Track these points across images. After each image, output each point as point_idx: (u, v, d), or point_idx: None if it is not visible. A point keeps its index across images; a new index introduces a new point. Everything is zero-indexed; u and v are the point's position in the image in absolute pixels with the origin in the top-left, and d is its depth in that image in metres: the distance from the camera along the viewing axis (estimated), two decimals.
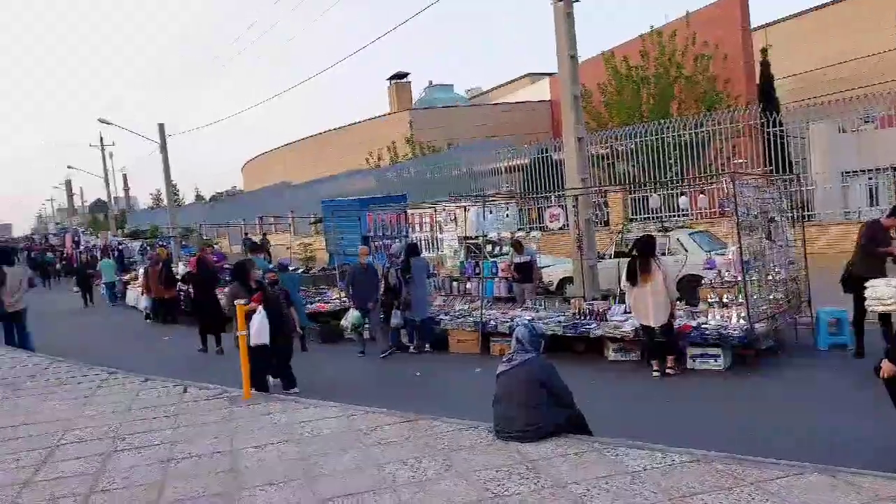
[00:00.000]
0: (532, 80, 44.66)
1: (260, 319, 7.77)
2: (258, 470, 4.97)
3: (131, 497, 4.64)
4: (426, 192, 23.92)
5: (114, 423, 6.48)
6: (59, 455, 5.68)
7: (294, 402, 6.83)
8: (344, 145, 39.90)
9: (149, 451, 5.59)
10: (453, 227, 13.13)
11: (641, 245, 8.77)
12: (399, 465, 4.84)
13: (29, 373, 9.30)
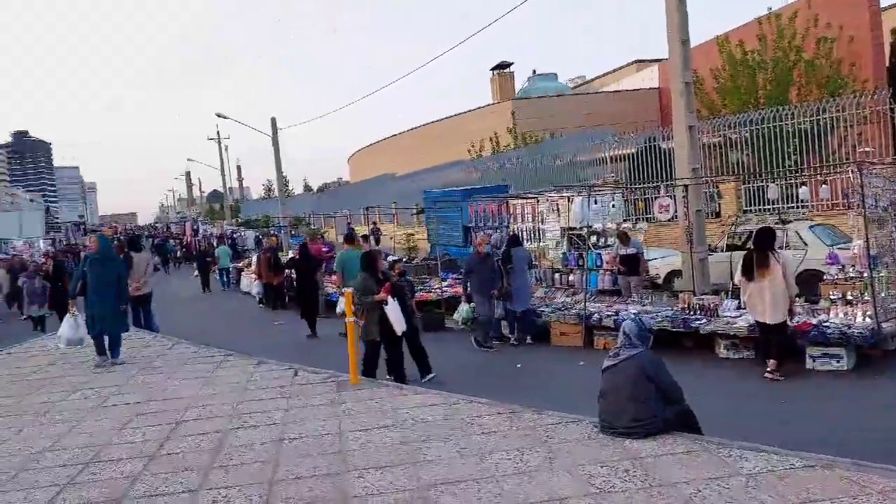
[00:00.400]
0: (639, 67, 43.35)
1: (396, 310, 8.04)
2: (364, 453, 5.11)
3: (248, 473, 4.88)
4: (528, 182, 23.76)
5: (231, 403, 6.84)
6: (182, 431, 6.05)
7: (398, 389, 6.97)
8: (446, 136, 40.17)
9: (263, 431, 5.86)
10: (556, 218, 12.97)
11: (759, 238, 8.34)
12: (501, 456, 4.85)
13: (155, 353, 9.95)
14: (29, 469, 5.30)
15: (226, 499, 4.44)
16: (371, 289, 8.18)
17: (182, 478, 4.88)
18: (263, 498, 4.40)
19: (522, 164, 25.30)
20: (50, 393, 7.82)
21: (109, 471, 5.13)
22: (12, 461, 5.50)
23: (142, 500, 4.53)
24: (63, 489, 4.82)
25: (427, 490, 4.33)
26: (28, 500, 4.66)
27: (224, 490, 4.58)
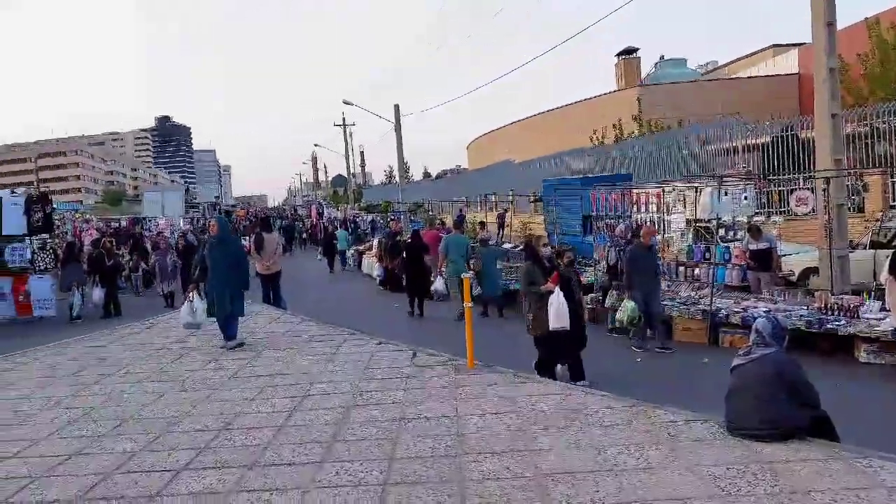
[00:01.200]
0: (776, 52, 40.80)
1: (559, 302, 7.41)
2: (481, 437, 5.15)
3: (369, 448, 5.04)
4: (653, 171, 22.97)
5: (353, 380, 7.08)
6: (308, 404, 6.33)
7: (515, 376, 6.95)
8: (567, 124, 39.55)
9: (383, 409, 6.03)
10: (681, 209, 12.45)
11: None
12: (621, 450, 4.74)
13: (283, 329, 10.45)
14: (171, 432, 5.72)
15: (348, 472, 4.61)
16: (537, 279, 7.65)
17: (308, 449, 5.11)
18: (384, 474, 4.53)
19: (647, 152, 24.49)
20: (188, 362, 8.41)
21: (242, 438, 5.45)
22: (155, 424, 5.95)
23: (271, 467, 4.78)
24: (201, 452, 5.17)
25: (544, 479, 4.31)
26: (170, 460, 5.03)
27: (347, 463, 4.76)
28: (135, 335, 10.67)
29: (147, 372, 8.01)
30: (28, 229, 15.10)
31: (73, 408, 6.61)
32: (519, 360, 8.03)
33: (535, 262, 7.85)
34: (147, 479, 4.68)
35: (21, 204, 15.08)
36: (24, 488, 4.62)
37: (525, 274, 7.83)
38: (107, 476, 4.76)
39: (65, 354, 9.38)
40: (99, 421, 6.11)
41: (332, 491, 4.30)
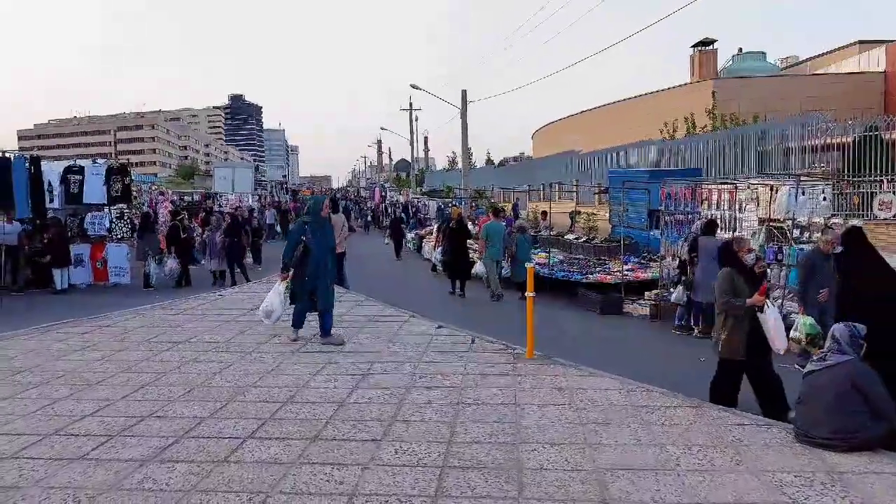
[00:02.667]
0: (861, 49, 38.98)
1: (775, 318, 6.12)
2: (539, 427, 5.14)
3: (427, 431, 5.10)
4: (726, 167, 22.35)
5: (413, 361, 7.16)
6: (368, 383, 6.43)
7: (575, 368, 6.90)
8: (637, 115, 38.74)
9: (442, 392, 6.08)
10: (754, 207, 12.08)
11: None
12: (683, 450, 4.67)
13: (345, 308, 10.62)
14: (237, 401, 5.91)
15: (406, 452, 4.67)
16: (741, 290, 6.12)
17: (367, 426, 5.20)
18: (441, 456, 4.58)
19: (720, 147, 23.82)
20: (255, 335, 8.64)
21: (305, 411, 5.59)
22: (221, 393, 6.15)
23: (332, 441, 4.90)
24: (265, 422, 5.33)
25: (603, 473, 4.28)
26: (236, 428, 5.20)
27: (405, 444, 4.83)
28: (205, 306, 11.03)
29: (215, 342, 8.27)
30: (107, 199, 15.74)
31: (145, 372, 6.89)
32: (576, 351, 7.99)
33: (738, 269, 6.31)
34: (215, 444, 4.85)
35: (102, 174, 15.72)
36: (101, 445, 4.86)
37: (723, 283, 6.26)
38: (178, 439, 4.96)
39: (139, 321, 9.77)
40: (170, 386, 6.36)
41: (391, 469, 4.38)
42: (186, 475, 4.32)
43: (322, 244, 8.02)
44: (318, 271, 7.95)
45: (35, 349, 7.98)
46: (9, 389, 6.31)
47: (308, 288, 7.97)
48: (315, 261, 7.92)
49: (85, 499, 4.00)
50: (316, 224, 8.08)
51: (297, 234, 8.13)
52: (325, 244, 8.10)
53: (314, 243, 7.92)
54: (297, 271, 7.99)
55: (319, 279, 8.00)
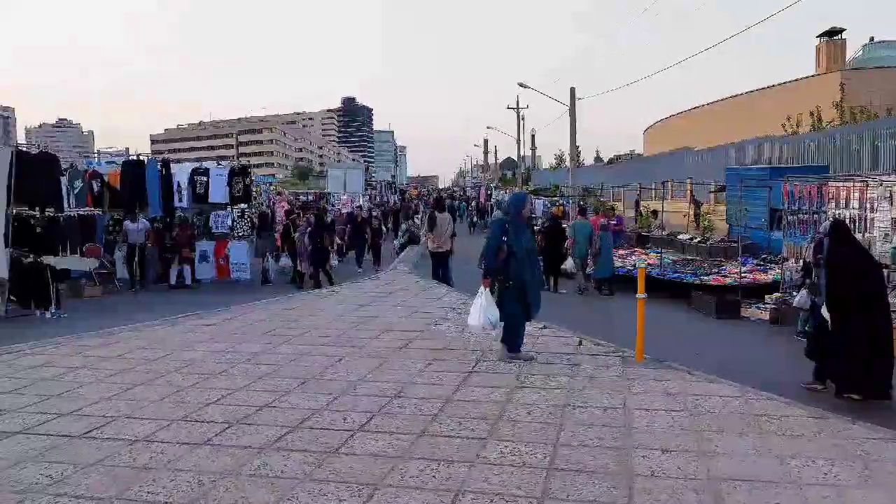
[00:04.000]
0: None
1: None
2: (650, 432, 5.00)
3: (533, 431, 5.07)
4: (854, 163, 20.91)
5: (517, 361, 7.12)
6: (473, 381, 6.47)
7: (688, 373, 6.66)
8: (757, 110, 36.95)
9: (548, 393, 6.03)
10: (887, 206, 11.22)
11: None
12: (805, 462, 4.40)
13: (451, 306, 10.74)
14: (348, 394, 6.09)
15: (512, 452, 4.66)
16: None
17: (473, 425, 5.23)
18: (548, 458, 4.54)
19: (847, 142, 22.29)
20: (365, 331, 8.88)
21: (412, 407, 5.69)
22: (332, 385, 6.36)
23: (438, 437, 4.95)
24: (375, 416, 5.46)
25: (718, 483, 4.11)
26: (346, 421, 5.36)
27: (511, 444, 4.81)
28: (317, 302, 11.45)
29: (328, 337, 8.56)
30: (230, 198, 16.64)
31: (263, 364, 7.23)
32: (689, 355, 7.71)
33: None
34: (327, 435, 5.02)
35: (225, 175, 16.64)
36: (223, 432, 5.14)
37: None
38: (292, 429, 5.17)
39: (258, 315, 10.26)
40: (286, 378, 6.64)
41: (496, 468, 4.38)
42: (301, 464, 4.50)
43: (524, 246, 7.21)
44: (523, 275, 7.15)
45: (164, 339, 8.55)
46: (142, 377, 6.79)
47: (515, 295, 7.15)
48: (520, 264, 7.11)
49: (208, 482, 4.24)
50: (517, 224, 7.28)
51: (497, 236, 7.23)
52: (527, 246, 7.31)
53: (516, 245, 7.10)
54: (501, 277, 7.18)
55: (528, 284, 7.20)
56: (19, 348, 8.18)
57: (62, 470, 4.44)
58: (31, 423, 5.40)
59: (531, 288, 7.24)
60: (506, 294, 7.12)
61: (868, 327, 6.49)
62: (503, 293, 7.14)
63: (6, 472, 4.43)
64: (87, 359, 7.60)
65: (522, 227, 7.36)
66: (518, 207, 7.42)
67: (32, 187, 12.51)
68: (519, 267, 7.09)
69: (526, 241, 7.29)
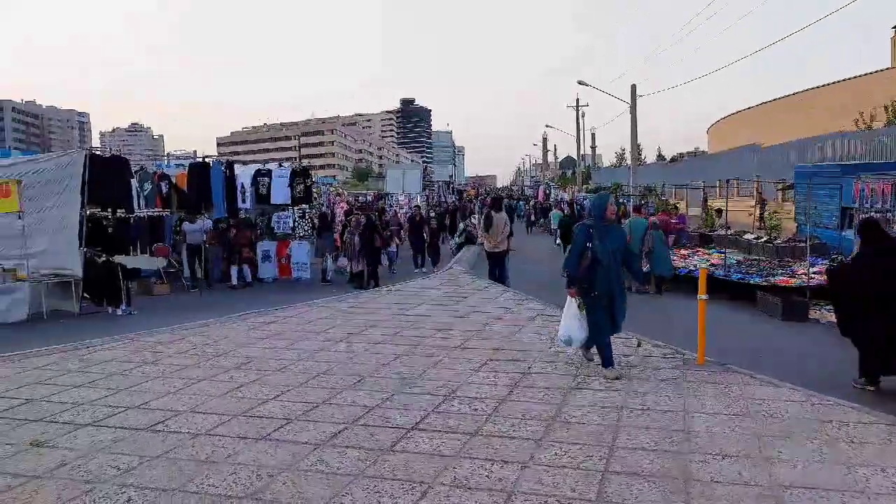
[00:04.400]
0: None
1: None
2: (710, 437, 4.87)
3: (588, 434, 5.00)
4: None
5: (575, 362, 7.05)
6: (528, 382, 6.42)
7: (751, 376, 6.46)
8: (826, 105, 35.55)
9: (604, 395, 5.95)
10: None
11: None
12: (874, 471, 4.22)
13: (505, 305, 10.70)
14: (403, 392, 6.14)
15: (567, 453, 4.61)
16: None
17: (528, 425, 5.20)
18: (603, 461, 4.48)
19: None
20: (420, 330, 8.93)
21: (465, 406, 5.69)
22: (387, 384, 6.42)
23: (492, 438, 4.94)
24: (429, 415, 5.49)
25: (781, 490, 3.97)
26: (403, 419, 5.40)
27: (565, 445, 4.77)
28: (374, 301, 11.58)
29: (384, 335, 8.65)
30: (291, 199, 17.00)
31: (321, 361, 7.35)
32: (752, 358, 7.48)
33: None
34: (382, 433, 5.08)
35: (287, 176, 17.01)
36: (280, 428, 5.25)
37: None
38: (348, 426, 5.24)
39: (317, 313, 10.44)
40: (342, 375, 6.74)
41: (551, 470, 4.34)
42: (355, 461, 4.56)
43: (609, 251, 6.68)
44: (610, 283, 6.70)
45: (227, 337, 8.79)
46: (206, 372, 7.00)
47: (602, 304, 6.69)
48: (605, 271, 6.66)
49: (266, 476, 4.34)
50: (601, 227, 6.79)
51: (581, 241, 6.76)
52: (614, 251, 6.74)
53: (601, 250, 6.64)
54: (585, 285, 6.75)
55: (614, 293, 6.74)
56: (92, 344, 8.54)
57: (129, 461, 4.62)
58: (100, 416, 5.63)
59: (618, 297, 6.76)
60: (589, 303, 6.72)
61: (887, 327, 6.68)
62: (588, 302, 6.74)
63: (76, 462, 4.63)
64: (154, 354, 7.88)
65: (608, 230, 6.83)
66: (601, 209, 6.89)
67: (105, 189, 13.06)
68: (604, 274, 6.65)
69: (613, 245, 6.73)
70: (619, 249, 6.82)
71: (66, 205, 12.37)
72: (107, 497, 4.08)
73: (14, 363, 7.63)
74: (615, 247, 6.76)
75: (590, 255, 6.65)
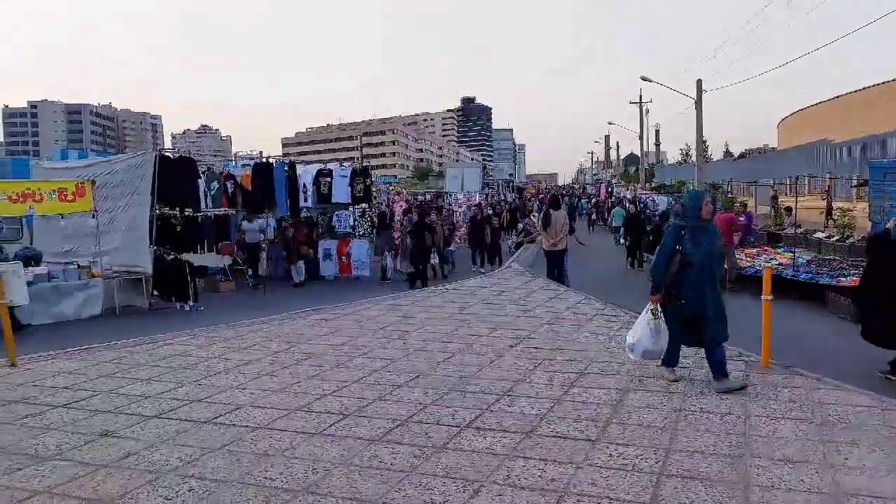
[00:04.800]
0: None
1: None
2: (771, 441, 4.73)
3: (644, 435, 4.92)
4: None
5: (633, 363, 6.93)
6: (584, 382, 6.35)
7: (818, 380, 6.23)
8: None
9: (661, 397, 5.83)
10: None
11: None
12: None
13: (565, 305, 10.60)
14: (457, 390, 6.16)
15: (622, 455, 4.55)
16: None
17: (582, 426, 5.15)
18: (659, 463, 4.40)
19: None
20: (475, 329, 8.94)
21: (520, 405, 5.67)
22: (442, 381, 6.45)
23: (546, 437, 4.91)
24: (483, 413, 5.49)
25: (845, 498, 3.83)
26: (457, 417, 5.42)
27: (621, 447, 4.70)
28: (431, 299, 11.64)
29: (440, 333, 8.69)
30: (351, 198, 17.26)
31: (378, 358, 7.44)
32: (820, 361, 7.20)
33: None
34: (435, 430, 5.11)
35: (347, 176, 17.28)
36: (337, 423, 5.34)
37: None
38: (402, 423, 5.30)
39: (375, 310, 10.57)
40: (397, 372, 6.81)
41: (604, 471, 4.29)
42: (409, 457, 4.60)
43: (704, 255, 6.04)
44: (700, 291, 6.03)
45: (288, 333, 8.99)
46: (266, 368, 7.17)
47: (686, 315, 6.10)
48: (696, 278, 6.02)
49: (322, 470, 4.42)
50: (696, 228, 6.16)
51: (671, 243, 6.20)
52: (710, 254, 6.08)
53: (694, 254, 6.03)
54: (671, 291, 6.16)
55: (703, 302, 6.03)
56: (160, 338, 8.87)
57: (191, 453, 4.78)
58: (165, 409, 5.84)
59: (708, 305, 6.01)
60: (673, 312, 6.15)
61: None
62: (671, 311, 6.16)
63: (142, 453, 4.82)
64: (218, 349, 8.12)
65: (703, 231, 6.16)
66: (696, 208, 6.21)
67: (173, 189, 13.51)
68: (696, 280, 6.02)
69: (708, 248, 6.08)
70: (714, 252, 6.17)
71: (138, 204, 12.89)
72: (169, 487, 4.23)
73: (87, 356, 7.98)
74: (710, 249, 6.10)
75: (679, 258, 6.08)
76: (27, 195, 11.66)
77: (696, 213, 6.20)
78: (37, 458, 4.77)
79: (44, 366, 7.60)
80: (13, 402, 6.21)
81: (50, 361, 7.79)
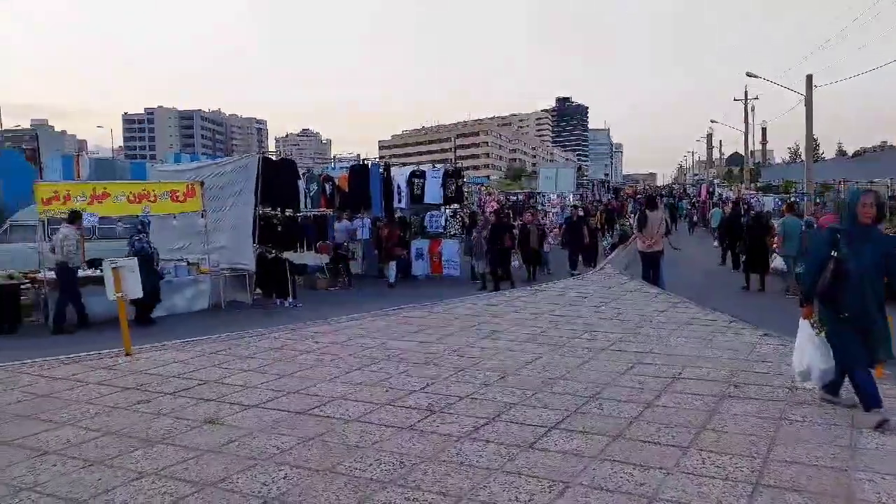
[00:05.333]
0: None
1: None
2: (878, 456, 4.46)
3: (740, 443, 4.74)
4: None
5: (729, 369, 6.70)
6: (677, 387, 6.19)
7: None
8: None
9: (759, 405, 5.61)
10: None
11: None
12: None
13: (658, 309, 10.34)
14: (545, 390, 6.13)
15: (715, 463, 4.41)
16: None
17: (674, 431, 5.02)
18: (755, 473, 4.23)
19: None
20: (563, 331, 8.86)
21: (609, 408, 5.59)
22: (530, 381, 6.43)
23: (635, 442, 4.82)
24: (571, 415, 5.44)
25: None
26: (543, 417, 5.40)
27: (715, 454, 4.55)
28: (522, 300, 11.62)
29: (529, 334, 8.67)
30: (443, 199, 17.47)
31: (466, 356, 7.51)
32: None
33: None
34: (522, 430, 5.11)
35: (439, 177, 17.49)
36: (425, 419, 5.43)
37: None
38: (489, 421, 5.33)
39: (464, 309, 10.66)
40: (486, 371, 6.85)
41: (695, 479, 4.17)
42: (494, 455, 4.62)
43: (865, 264, 5.19)
44: (864, 302, 5.19)
45: (381, 329, 9.20)
46: (359, 362, 7.38)
47: (850, 329, 5.24)
48: (856, 286, 5.18)
49: (409, 464, 4.51)
50: (853, 232, 5.32)
51: (823, 250, 5.45)
52: (873, 261, 5.21)
53: (852, 261, 5.21)
54: (830, 304, 5.36)
55: (870, 314, 5.22)
56: (261, 332, 9.27)
57: (287, 441, 4.99)
58: (264, 399, 6.12)
59: (874, 320, 5.21)
60: (835, 327, 5.37)
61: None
62: (833, 326, 5.39)
63: (242, 440, 5.07)
64: (315, 344, 8.41)
65: (863, 234, 5.28)
66: (850, 209, 5.38)
67: (275, 190, 14.09)
68: (855, 290, 5.17)
69: (870, 254, 5.21)
70: (879, 259, 5.23)
71: (243, 204, 13.52)
72: (266, 473, 4.43)
73: (195, 348, 8.45)
74: (872, 256, 5.22)
75: (832, 265, 5.27)
76: (143, 196, 12.45)
77: (852, 214, 5.37)
78: (147, 442, 5.10)
79: (155, 356, 8.10)
80: (127, 388, 6.66)
81: (161, 352, 8.30)
